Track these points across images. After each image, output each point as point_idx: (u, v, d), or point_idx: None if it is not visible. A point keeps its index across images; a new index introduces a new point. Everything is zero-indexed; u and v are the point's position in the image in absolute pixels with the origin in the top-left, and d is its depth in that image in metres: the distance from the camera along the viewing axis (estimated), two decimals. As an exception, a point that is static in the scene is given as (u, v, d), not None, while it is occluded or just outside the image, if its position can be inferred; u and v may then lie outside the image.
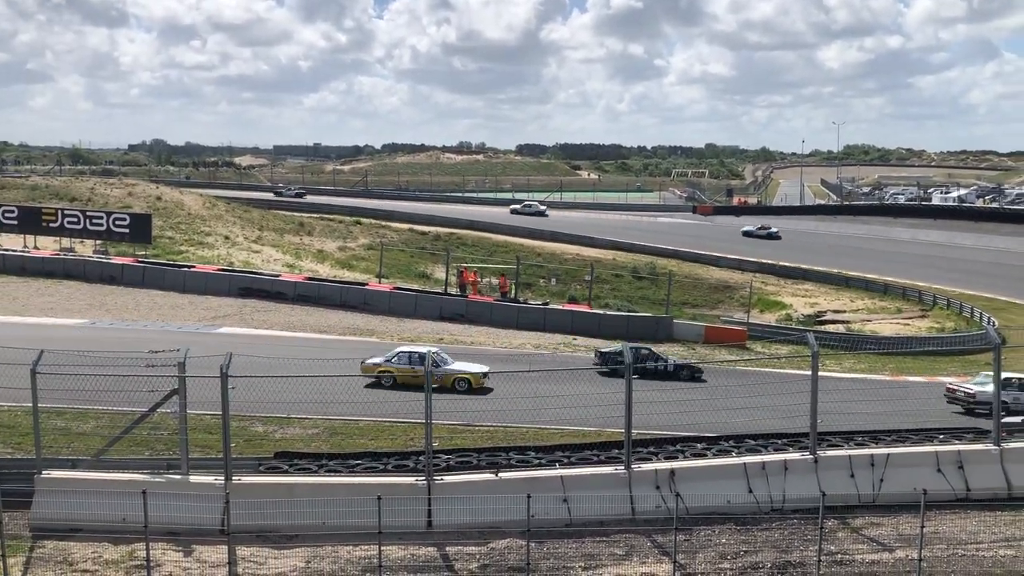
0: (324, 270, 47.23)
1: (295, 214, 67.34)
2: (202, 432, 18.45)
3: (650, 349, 29.29)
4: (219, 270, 41.18)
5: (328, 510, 14.40)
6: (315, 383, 16.79)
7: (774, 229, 73.77)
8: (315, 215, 68.81)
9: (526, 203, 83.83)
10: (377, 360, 25.27)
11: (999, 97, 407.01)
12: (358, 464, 16.65)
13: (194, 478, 15.47)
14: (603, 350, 28.15)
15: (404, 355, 25.25)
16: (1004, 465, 16.90)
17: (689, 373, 27.98)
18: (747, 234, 72.89)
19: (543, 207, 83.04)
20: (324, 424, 20.92)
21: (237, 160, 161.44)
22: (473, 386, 24.79)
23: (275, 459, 17.03)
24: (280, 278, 40.32)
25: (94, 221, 44.40)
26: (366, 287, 39.82)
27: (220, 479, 15.21)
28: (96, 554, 14.08)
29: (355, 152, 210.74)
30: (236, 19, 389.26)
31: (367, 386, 23.63)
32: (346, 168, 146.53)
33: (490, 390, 24.48)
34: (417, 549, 14.40)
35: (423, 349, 24.87)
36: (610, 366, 24.74)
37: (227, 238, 51.49)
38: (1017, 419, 21.28)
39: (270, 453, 17.70)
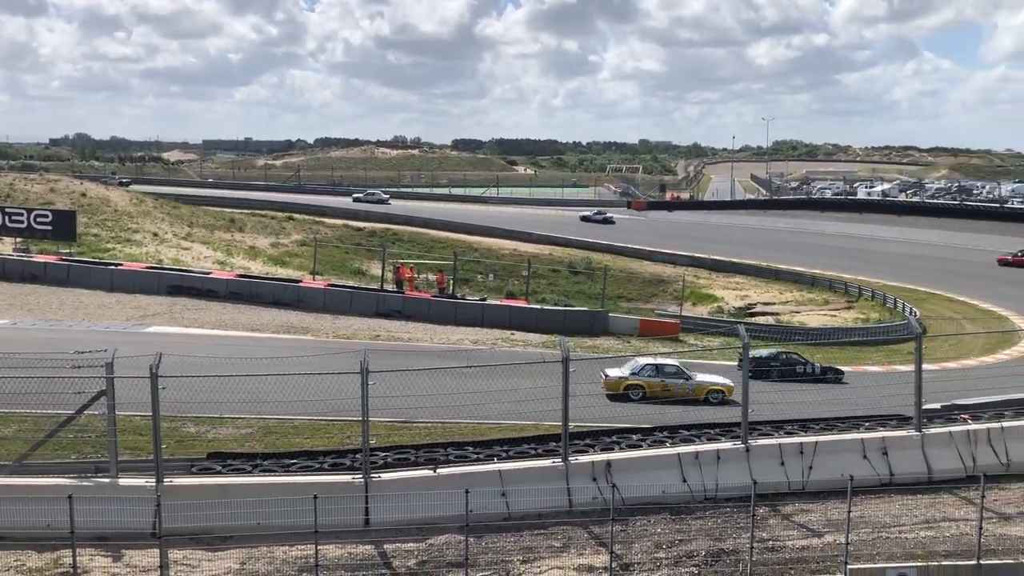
0: (256, 267, 46.44)
1: (226, 210, 66.07)
2: (132, 434, 18.01)
3: (797, 354, 29.70)
4: (148, 268, 40.17)
5: (263, 510, 14.21)
6: (248, 382, 16.53)
7: (609, 215, 79.28)
8: (246, 211, 67.63)
9: (368, 192, 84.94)
10: (622, 373, 24.99)
11: (919, 94, 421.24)
12: (294, 463, 16.48)
13: (123, 481, 15.11)
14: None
15: (650, 367, 25.04)
16: (925, 450, 17.54)
17: (834, 376, 28.97)
18: (584, 219, 77.52)
19: (386, 196, 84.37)
20: (258, 423, 20.61)
21: (165, 155, 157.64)
22: (726, 397, 24.20)
23: (208, 460, 16.75)
24: (211, 276, 39.50)
25: (13, 218, 42.83)
26: (300, 284, 39.31)
27: (151, 481, 14.89)
28: (19, 562, 13.66)
29: (287, 147, 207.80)
30: (163, 10, 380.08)
31: (612, 400, 23.78)
32: (278, 163, 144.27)
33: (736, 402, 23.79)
34: (354, 547, 14.31)
35: (664, 361, 25.58)
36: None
37: (156, 235, 50.26)
38: (937, 406, 22.08)
39: (203, 454, 17.40)
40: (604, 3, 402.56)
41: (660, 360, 25.81)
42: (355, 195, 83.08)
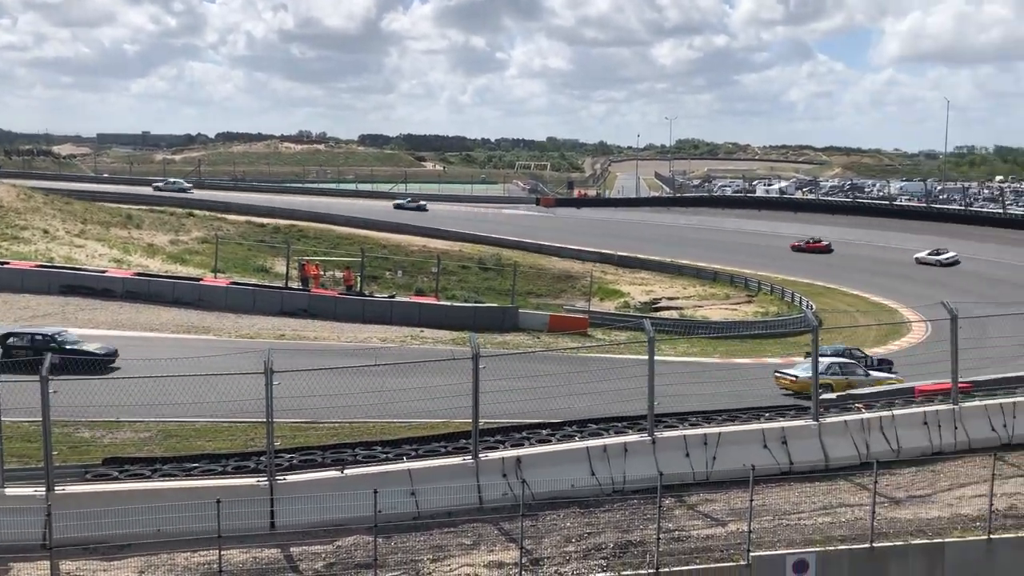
0: (155, 265, 44.88)
1: (122, 206, 63.65)
2: (20, 441, 17.19)
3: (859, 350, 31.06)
4: (37, 266, 38.36)
5: (164, 516, 13.74)
6: (147, 384, 15.99)
7: (423, 203, 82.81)
8: (145, 207, 65.33)
9: (169, 180, 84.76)
10: (796, 373, 25.65)
11: (814, 95, 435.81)
12: (195, 467, 15.99)
13: (10, 490, 14.38)
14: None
15: (836, 365, 26.27)
16: (822, 439, 18.18)
17: (888, 367, 30.14)
18: (398, 207, 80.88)
19: (188, 184, 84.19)
20: (158, 427, 19.93)
21: (56, 149, 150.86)
22: None
23: (104, 466, 16.09)
24: (106, 274, 38.00)
25: None
26: (201, 282, 38.20)
27: (41, 490, 14.22)
28: None
29: (187, 141, 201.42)
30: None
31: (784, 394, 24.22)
32: (178, 158, 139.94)
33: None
34: (260, 551, 13.97)
35: (845, 360, 26.88)
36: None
37: (46, 232, 48.03)
38: (832, 395, 22.95)
39: (98, 460, 16.70)
40: (511, 1, 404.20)
41: (842, 359, 27.75)
42: (155, 183, 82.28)
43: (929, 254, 62.10)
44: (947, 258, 61.13)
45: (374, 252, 55.42)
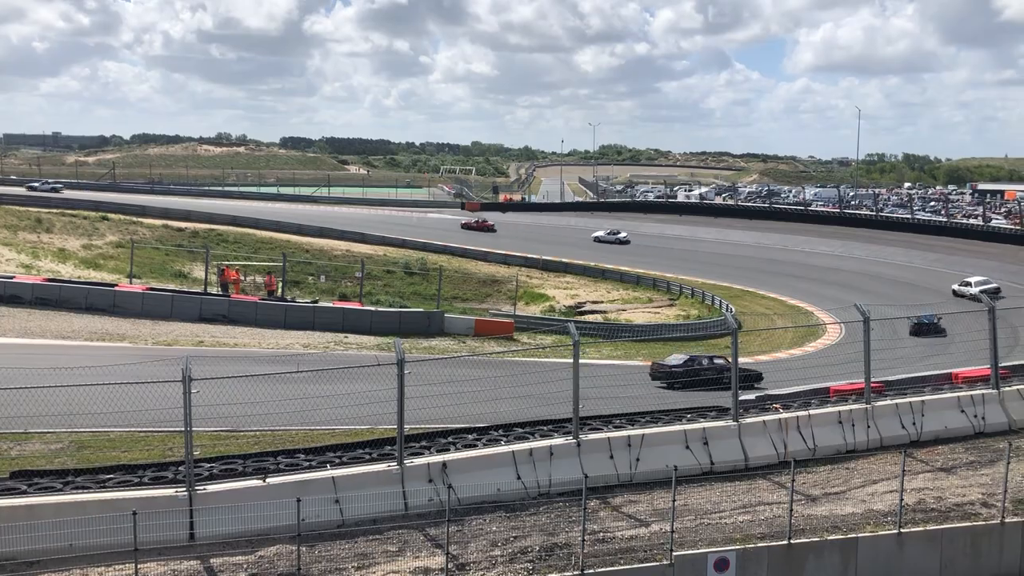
0: (67, 270, 43.38)
1: (30, 209, 61.33)
2: (-80, 455, 16.38)
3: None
4: (-61, 272, 36.73)
5: (76, 530, 13.23)
6: (58, 394, 15.37)
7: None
8: (55, 210, 63.06)
9: (44, 181, 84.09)
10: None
11: (732, 103, 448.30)
12: (110, 478, 15.46)
13: (-89, 507, 13.68)
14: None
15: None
16: (742, 439, 18.59)
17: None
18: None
19: (59, 185, 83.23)
20: (70, 438, 19.25)
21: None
22: None
23: (11, 479, 15.43)
24: (14, 280, 36.58)
25: None
26: (116, 288, 37.04)
27: (-56, 506, 13.57)
28: None
29: (101, 142, 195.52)
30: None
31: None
32: (91, 159, 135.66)
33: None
34: (179, 564, 13.59)
35: None
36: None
37: (-52, 236, 46.02)
38: (752, 396, 23.49)
39: (6, 473, 16.03)
40: (435, 5, 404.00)
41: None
42: (30, 183, 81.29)
43: (608, 233, 72.59)
44: (622, 237, 70.78)
45: (296, 256, 54.65)
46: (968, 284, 50.28)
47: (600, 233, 74.42)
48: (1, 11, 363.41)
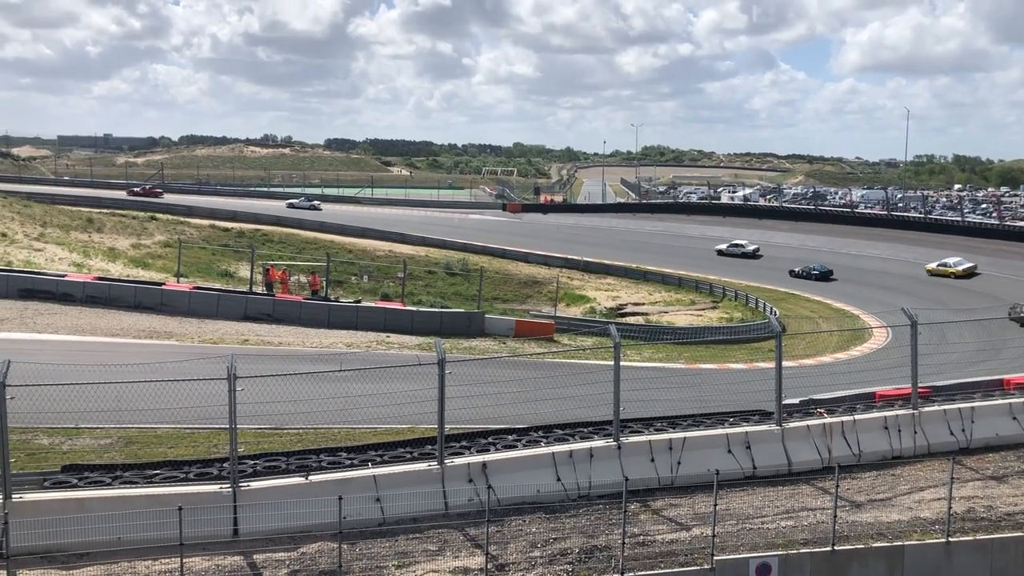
0: (116, 269, 44.26)
1: (83, 209, 62.72)
2: (-24, 448, 16.80)
3: None
4: (-5, 270, 37.68)
5: (124, 524, 13.52)
6: (107, 390, 15.72)
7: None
8: (106, 210, 64.44)
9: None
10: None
11: (777, 104, 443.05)
12: (157, 474, 15.75)
13: (-33, 499, 14.06)
14: None
15: None
16: (785, 444, 18.36)
17: None
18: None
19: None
20: (118, 433, 19.64)
21: (16, 151, 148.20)
22: None
23: (63, 473, 15.79)
24: (66, 278, 37.39)
25: None
26: (163, 287, 37.68)
27: (-2, 498, 13.92)
28: None
29: (150, 144, 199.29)
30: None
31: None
32: (140, 160, 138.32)
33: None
34: (223, 559, 13.80)
35: None
36: None
37: (4, 235, 47.17)
38: (796, 400, 23.18)
39: (57, 467, 16.40)
40: (477, 7, 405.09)
41: None
42: None
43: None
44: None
45: (340, 257, 55.16)
46: (946, 265, 55.93)
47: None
48: (56, 16, 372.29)
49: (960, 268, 57.68)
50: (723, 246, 68.10)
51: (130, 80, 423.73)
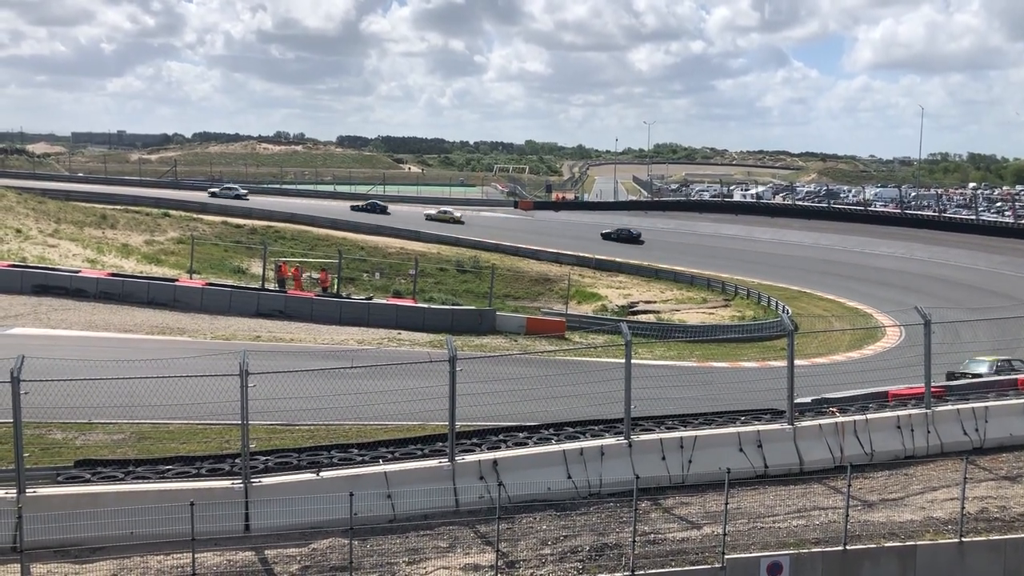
0: (130, 265, 44.47)
1: (96, 206, 63.05)
2: (-10, 443, 16.93)
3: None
4: (9, 266, 37.86)
5: (137, 519, 13.58)
6: (121, 385, 15.82)
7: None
8: (119, 207, 64.76)
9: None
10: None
11: (789, 101, 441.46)
12: (169, 469, 15.83)
13: (-19, 493, 14.16)
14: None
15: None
16: (797, 443, 18.29)
17: None
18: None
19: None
20: (131, 429, 19.73)
21: (30, 148, 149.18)
22: None
23: (76, 468, 15.89)
24: (80, 274, 37.59)
25: None
26: (176, 283, 37.86)
27: (12, 492, 14.01)
28: None
29: (163, 141, 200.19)
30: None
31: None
32: (154, 157, 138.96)
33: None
34: (234, 554, 13.86)
35: None
36: None
37: (19, 231, 47.47)
38: (808, 399, 23.09)
39: (70, 462, 16.50)
40: (489, 4, 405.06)
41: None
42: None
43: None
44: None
45: (352, 254, 55.27)
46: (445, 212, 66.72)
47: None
48: (71, 13, 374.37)
49: (456, 215, 76.51)
50: (608, 230, 73.50)
51: (144, 77, 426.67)
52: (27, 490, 14.12)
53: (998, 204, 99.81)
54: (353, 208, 78.50)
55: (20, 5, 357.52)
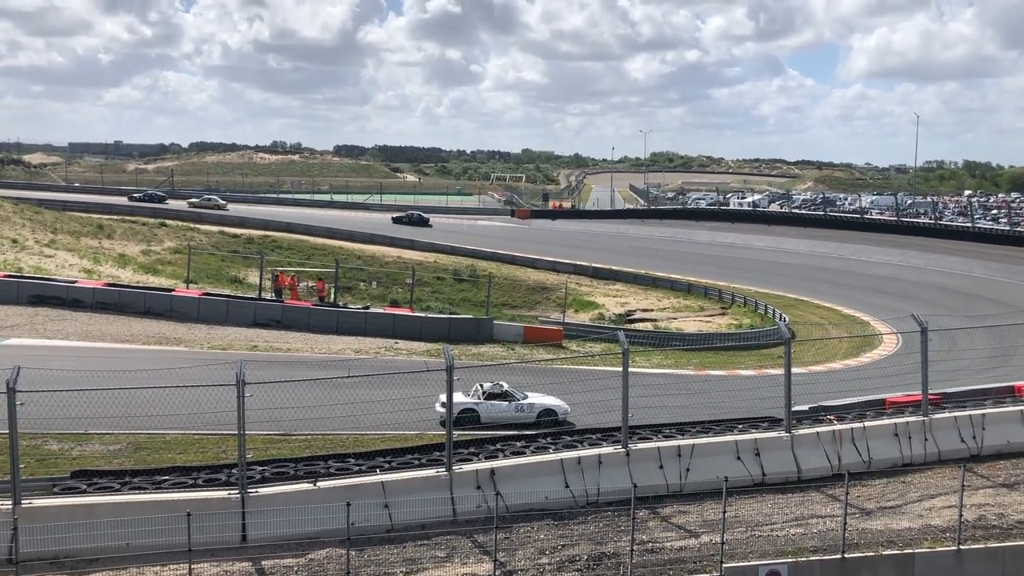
0: (126, 275, 44.40)
1: (93, 216, 62.99)
2: (-14, 454, 16.86)
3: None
4: (5, 276, 37.77)
5: (133, 530, 13.55)
6: (117, 396, 15.76)
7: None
8: (116, 217, 64.68)
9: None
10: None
11: (785, 109, 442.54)
12: (166, 480, 15.79)
13: (-24, 504, 14.11)
14: None
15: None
16: (794, 451, 18.29)
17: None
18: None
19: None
20: (127, 439, 19.69)
21: (27, 157, 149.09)
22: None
23: (72, 479, 15.85)
24: (77, 284, 37.54)
25: None
26: (173, 293, 37.80)
27: (7, 503, 13.97)
28: None
29: (160, 151, 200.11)
30: (26, 5, 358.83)
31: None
32: (150, 167, 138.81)
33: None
34: (231, 565, 13.81)
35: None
36: None
37: (15, 241, 47.39)
38: (805, 407, 23.09)
39: (67, 472, 16.46)
40: (486, 14, 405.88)
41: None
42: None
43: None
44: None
45: (348, 263, 55.23)
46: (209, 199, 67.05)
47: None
48: (69, 24, 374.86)
49: (219, 203, 78.04)
50: (400, 215, 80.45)
51: (141, 87, 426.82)
52: (23, 501, 14.08)
53: (994, 212, 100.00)
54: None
55: (18, 16, 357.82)
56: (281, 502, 14.89)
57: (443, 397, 17.08)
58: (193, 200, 79.70)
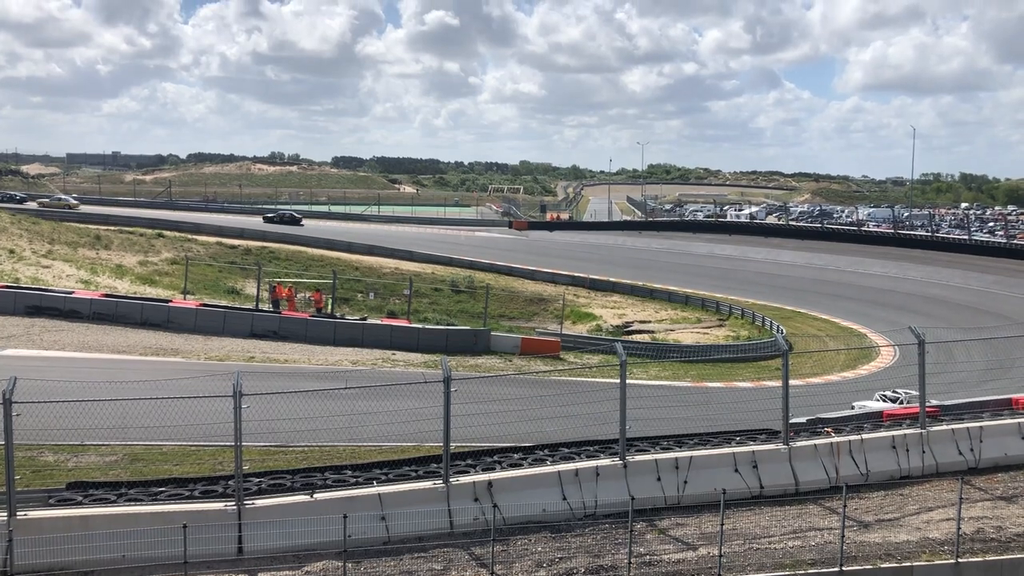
0: (124, 286, 44.36)
1: (90, 226, 62.98)
2: (-19, 465, 16.79)
3: None
4: (3, 287, 37.73)
5: (129, 542, 13.50)
6: (113, 407, 15.71)
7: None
8: (113, 227, 64.68)
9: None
10: None
11: (782, 122, 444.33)
12: (162, 491, 15.73)
13: (-29, 516, 14.04)
14: None
15: None
16: (792, 463, 18.26)
17: None
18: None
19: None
20: (124, 450, 19.63)
21: (25, 168, 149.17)
22: None
23: (68, 490, 15.78)
24: (74, 295, 37.51)
25: None
26: (170, 304, 37.76)
27: (2, 515, 13.90)
28: None
29: (158, 161, 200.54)
30: (25, 17, 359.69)
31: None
32: (148, 178, 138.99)
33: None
34: (227, 577, 13.75)
35: None
36: None
37: (12, 252, 47.37)
38: (802, 419, 23.08)
39: (62, 484, 16.39)
40: (484, 27, 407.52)
41: None
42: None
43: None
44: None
45: (346, 274, 55.23)
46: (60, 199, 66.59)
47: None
48: (67, 35, 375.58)
49: (71, 203, 79.77)
50: (271, 214, 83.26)
51: (139, 98, 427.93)
52: (18, 513, 14.01)
53: (990, 224, 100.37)
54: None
55: (16, 27, 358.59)
56: (278, 514, 14.83)
57: None
58: (43, 200, 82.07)
